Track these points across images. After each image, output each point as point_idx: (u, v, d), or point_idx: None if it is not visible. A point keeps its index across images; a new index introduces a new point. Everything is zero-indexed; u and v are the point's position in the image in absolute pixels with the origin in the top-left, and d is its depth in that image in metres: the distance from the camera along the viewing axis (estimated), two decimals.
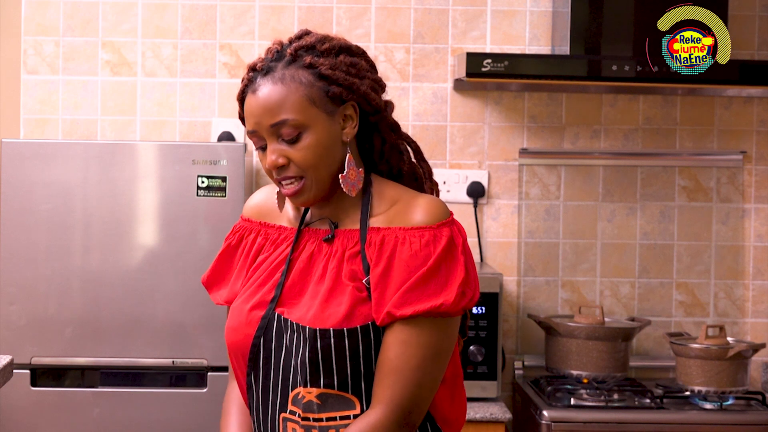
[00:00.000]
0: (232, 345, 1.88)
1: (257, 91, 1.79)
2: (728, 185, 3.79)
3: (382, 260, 1.79)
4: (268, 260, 1.90)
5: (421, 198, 1.84)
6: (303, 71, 1.79)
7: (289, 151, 1.80)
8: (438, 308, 1.75)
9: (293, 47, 1.81)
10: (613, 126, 3.78)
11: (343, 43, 1.84)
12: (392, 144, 1.91)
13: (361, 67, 1.84)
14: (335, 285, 1.80)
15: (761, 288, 3.81)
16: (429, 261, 1.76)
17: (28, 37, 3.70)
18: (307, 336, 1.78)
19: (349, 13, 3.73)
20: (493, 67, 3.35)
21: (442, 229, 1.79)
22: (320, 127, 1.80)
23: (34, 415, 3.25)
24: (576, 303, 3.74)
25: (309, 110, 1.78)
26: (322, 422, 1.79)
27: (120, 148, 3.30)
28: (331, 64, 1.80)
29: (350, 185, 1.83)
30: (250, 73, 1.82)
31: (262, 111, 1.79)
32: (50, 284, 3.26)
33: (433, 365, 1.78)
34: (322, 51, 1.81)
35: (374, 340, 1.78)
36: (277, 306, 1.84)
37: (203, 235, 3.26)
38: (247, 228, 1.97)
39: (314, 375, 1.78)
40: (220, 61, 3.71)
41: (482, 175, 3.75)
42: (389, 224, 1.82)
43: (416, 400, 1.78)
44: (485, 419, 3.28)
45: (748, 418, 3.32)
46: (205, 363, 3.27)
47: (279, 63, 1.80)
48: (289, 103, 1.77)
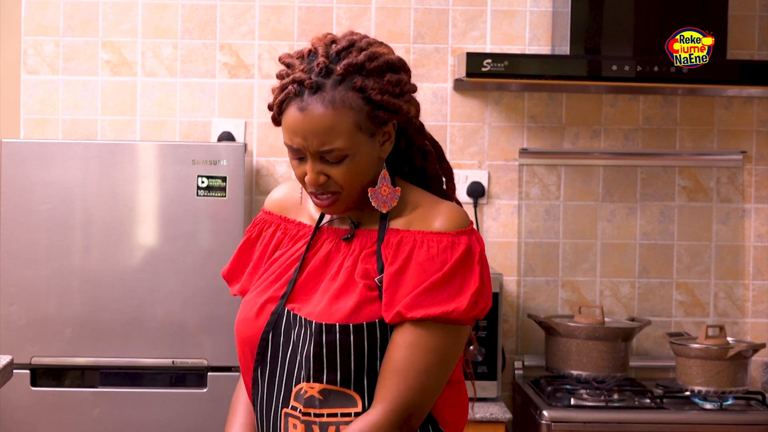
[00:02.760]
0: (241, 338, 1.89)
1: (306, 110, 1.76)
2: (728, 185, 3.79)
3: (397, 260, 1.79)
4: (285, 255, 1.91)
5: (443, 204, 1.85)
6: (353, 94, 1.76)
7: (330, 170, 1.79)
8: (449, 314, 1.75)
9: (343, 66, 1.76)
10: (613, 126, 3.78)
11: (388, 59, 1.81)
12: (418, 146, 1.92)
13: (403, 84, 1.82)
14: (347, 282, 1.81)
15: (761, 288, 3.81)
16: (445, 266, 1.77)
17: (28, 37, 3.70)
18: (313, 330, 1.79)
19: (349, 13, 3.72)
20: (493, 67, 3.35)
21: (461, 236, 1.80)
22: (364, 151, 1.80)
23: (34, 415, 3.25)
24: (576, 303, 3.74)
25: (356, 137, 1.78)
26: (323, 418, 1.79)
27: (120, 148, 3.30)
28: (380, 89, 1.77)
29: (381, 201, 1.83)
30: (295, 86, 1.77)
31: (311, 134, 1.76)
32: (50, 284, 3.25)
33: (439, 370, 1.79)
34: (371, 70, 1.78)
35: (380, 338, 1.78)
36: (288, 302, 1.85)
37: (203, 235, 3.26)
38: (267, 221, 1.98)
39: (318, 370, 1.78)
40: (220, 61, 3.71)
41: (482, 175, 3.75)
42: (408, 227, 1.82)
43: (418, 403, 1.78)
44: (485, 419, 3.28)
45: (748, 418, 3.31)
46: (205, 363, 3.26)
47: (327, 81, 1.76)
48: (338, 131, 1.76)
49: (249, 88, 3.71)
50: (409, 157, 1.93)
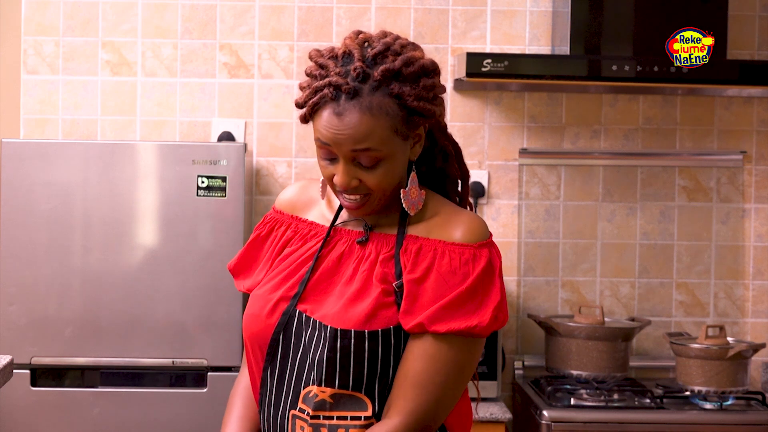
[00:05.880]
0: (250, 334, 1.88)
1: (343, 115, 1.75)
2: (728, 185, 3.79)
3: (417, 269, 1.79)
4: (296, 254, 1.90)
5: (463, 215, 1.85)
6: (389, 100, 1.76)
7: (363, 174, 1.79)
8: (473, 329, 1.75)
9: (380, 72, 1.76)
10: (613, 126, 3.78)
11: (422, 63, 1.80)
12: (441, 147, 1.93)
13: (436, 88, 1.82)
14: (364, 286, 1.81)
15: (761, 288, 3.81)
16: (467, 280, 1.77)
17: (28, 37, 3.70)
18: (327, 335, 1.78)
19: (349, 13, 3.73)
20: (493, 67, 3.35)
21: (482, 249, 1.80)
22: (397, 155, 1.80)
23: (34, 415, 3.25)
24: (576, 303, 3.74)
25: (391, 141, 1.78)
26: (332, 420, 1.79)
27: (120, 148, 3.30)
28: (416, 95, 1.77)
29: (411, 203, 1.84)
30: (332, 89, 1.76)
31: (346, 138, 1.76)
32: (50, 284, 3.26)
33: (456, 383, 1.79)
34: (407, 76, 1.78)
35: (394, 345, 1.78)
36: (300, 302, 1.84)
37: (203, 235, 3.26)
38: (278, 220, 1.98)
39: (330, 374, 1.78)
40: (220, 61, 3.71)
41: (482, 175, 3.75)
42: (428, 234, 1.82)
43: (434, 415, 1.79)
44: (485, 419, 3.28)
45: (748, 418, 3.32)
46: (205, 363, 3.26)
47: (364, 86, 1.75)
48: (374, 136, 1.76)
49: (249, 88, 3.71)
50: (430, 158, 1.93)
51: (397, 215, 1.86)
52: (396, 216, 1.86)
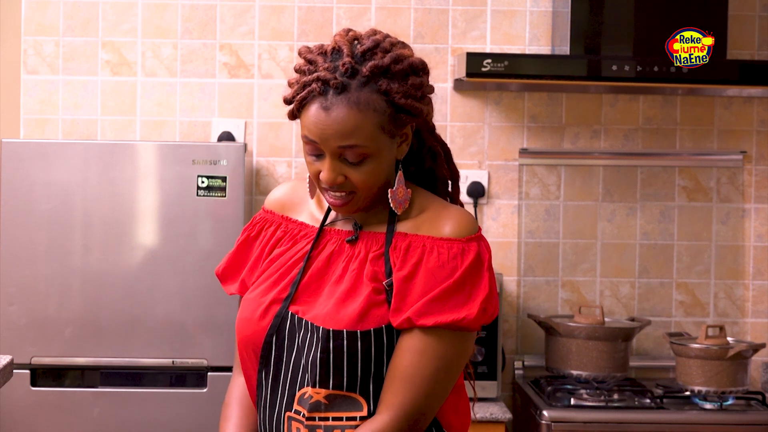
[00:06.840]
0: (243, 338, 1.88)
1: (330, 110, 1.75)
2: (728, 185, 3.79)
3: (407, 265, 1.79)
4: (286, 255, 1.90)
5: (452, 209, 1.85)
6: (377, 96, 1.76)
7: (349, 171, 1.79)
8: (460, 322, 1.75)
9: (369, 67, 1.76)
10: (613, 126, 3.78)
11: (411, 61, 1.81)
12: (429, 147, 1.93)
13: (425, 87, 1.83)
14: (354, 285, 1.81)
15: (761, 288, 3.81)
16: (455, 274, 1.77)
17: (28, 37, 3.70)
18: (320, 336, 1.78)
19: (349, 13, 3.72)
20: (493, 67, 3.35)
21: (471, 243, 1.80)
22: (384, 152, 1.80)
23: (34, 415, 3.25)
24: (576, 303, 3.74)
25: (378, 138, 1.78)
26: (328, 422, 1.79)
27: (120, 148, 3.30)
28: (404, 92, 1.78)
29: (398, 202, 1.83)
30: (320, 84, 1.75)
31: (333, 133, 1.76)
32: (50, 284, 3.26)
33: (446, 376, 1.79)
34: (395, 73, 1.78)
35: (387, 343, 1.78)
36: (291, 304, 1.84)
37: (203, 235, 3.26)
38: (268, 220, 1.97)
39: (324, 376, 1.78)
40: (220, 61, 3.71)
41: (482, 175, 3.75)
42: (416, 231, 1.82)
43: (424, 409, 1.78)
44: (485, 419, 3.28)
45: (748, 418, 3.32)
46: (205, 363, 3.27)
47: (353, 81, 1.75)
48: (361, 131, 1.75)
49: (249, 88, 3.71)
50: (419, 158, 1.93)
51: (386, 213, 1.86)
52: (385, 214, 1.86)
